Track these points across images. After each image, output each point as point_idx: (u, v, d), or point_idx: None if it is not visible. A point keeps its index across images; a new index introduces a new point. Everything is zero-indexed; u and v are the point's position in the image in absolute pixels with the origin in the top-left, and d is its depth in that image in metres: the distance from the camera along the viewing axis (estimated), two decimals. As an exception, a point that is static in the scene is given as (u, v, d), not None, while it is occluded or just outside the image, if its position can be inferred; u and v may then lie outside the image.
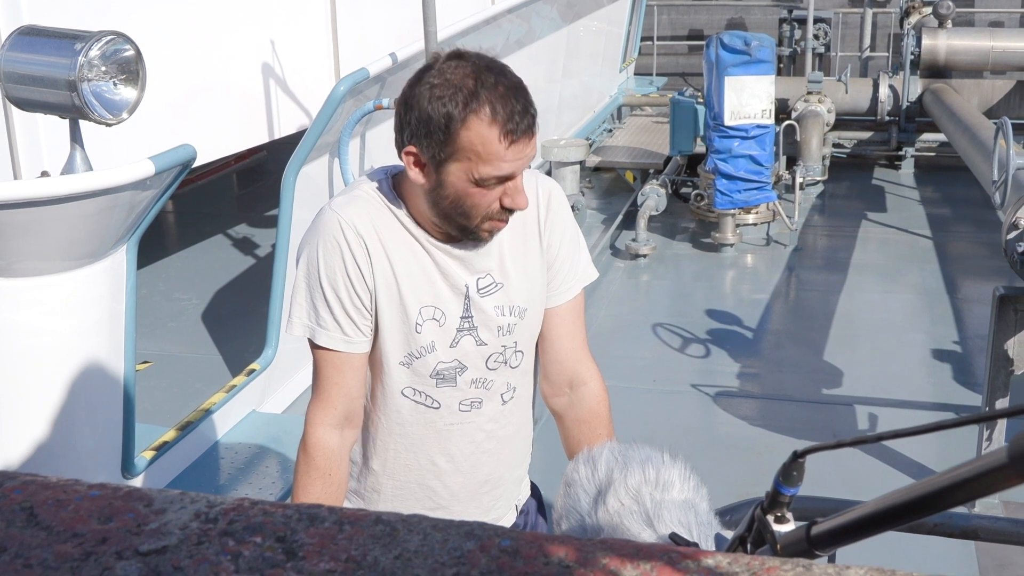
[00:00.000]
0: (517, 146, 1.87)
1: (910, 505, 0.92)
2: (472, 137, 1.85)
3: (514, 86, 1.88)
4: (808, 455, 1.09)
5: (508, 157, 1.87)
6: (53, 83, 2.88)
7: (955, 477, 0.88)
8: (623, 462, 1.37)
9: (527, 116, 1.87)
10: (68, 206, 3.00)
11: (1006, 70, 10.02)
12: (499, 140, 1.85)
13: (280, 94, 5.19)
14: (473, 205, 1.92)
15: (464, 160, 1.87)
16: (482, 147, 1.85)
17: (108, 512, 0.91)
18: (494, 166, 1.87)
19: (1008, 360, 4.25)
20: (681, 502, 1.31)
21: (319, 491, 2.06)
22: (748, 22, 14.98)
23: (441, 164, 1.90)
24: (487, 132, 1.85)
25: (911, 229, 8.56)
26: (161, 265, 6.87)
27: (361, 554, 0.84)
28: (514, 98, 1.86)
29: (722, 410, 5.44)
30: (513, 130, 1.85)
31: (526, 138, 1.88)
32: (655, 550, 0.82)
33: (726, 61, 7.65)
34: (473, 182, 1.89)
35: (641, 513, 1.28)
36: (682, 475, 1.36)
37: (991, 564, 3.88)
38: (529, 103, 1.89)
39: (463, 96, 1.84)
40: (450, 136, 1.86)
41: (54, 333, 3.30)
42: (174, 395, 4.90)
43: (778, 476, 1.13)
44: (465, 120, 1.85)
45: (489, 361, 2.11)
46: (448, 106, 1.85)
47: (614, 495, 1.33)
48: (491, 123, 1.84)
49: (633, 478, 1.34)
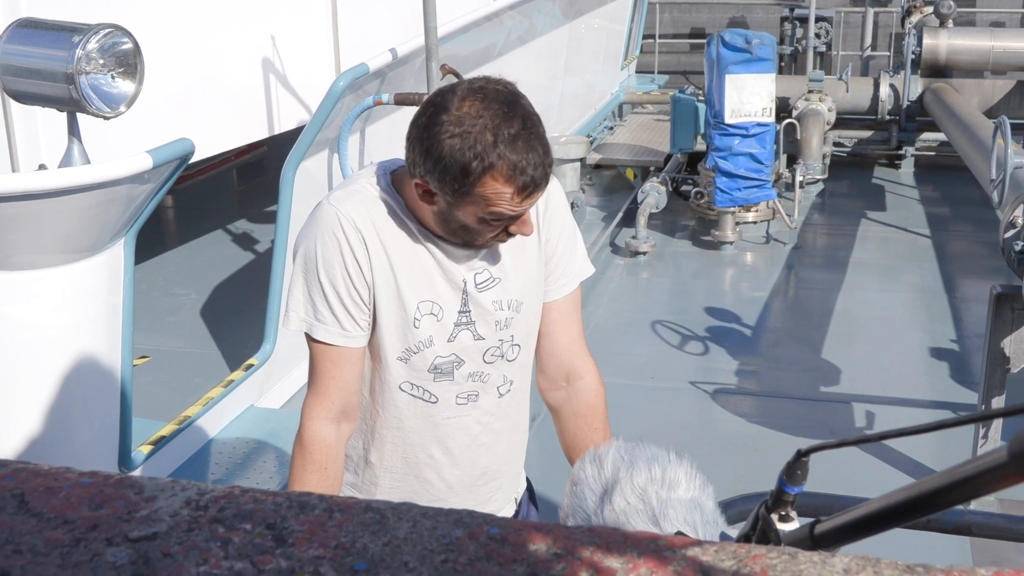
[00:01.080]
0: (529, 200, 1.89)
1: (912, 503, 0.92)
2: (487, 191, 1.86)
3: (533, 137, 1.86)
4: (812, 454, 1.08)
5: (523, 206, 1.89)
6: (51, 76, 2.87)
7: (956, 476, 0.88)
8: (629, 461, 1.38)
9: (541, 168, 1.87)
10: (65, 199, 3.00)
11: (1007, 70, 10.01)
12: (513, 196, 1.86)
13: (280, 89, 5.19)
14: (478, 233, 1.95)
15: (475, 204, 1.89)
16: (495, 197, 1.87)
17: (99, 499, 0.91)
18: (505, 210, 1.89)
19: (1004, 358, 4.26)
20: (687, 501, 1.31)
21: (315, 485, 2.06)
22: (750, 20, 14.98)
23: (452, 203, 1.91)
24: (502, 188, 1.85)
25: (910, 228, 8.56)
26: (160, 260, 6.87)
27: (350, 541, 0.84)
28: (531, 151, 1.85)
29: (720, 407, 5.44)
30: (528, 185, 1.86)
31: (539, 192, 1.90)
32: (642, 538, 0.83)
33: (727, 59, 7.65)
34: (482, 220, 1.91)
35: (647, 512, 1.28)
36: (688, 474, 1.36)
37: (986, 560, 3.89)
38: (546, 152, 1.88)
39: (481, 149, 1.82)
40: (464, 186, 1.86)
41: (51, 327, 3.29)
42: (172, 390, 4.90)
43: (782, 475, 1.13)
44: (481, 177, 1.84)
45: (486, 355, 2.11)
46: (466, 157, 1.83)
47: (620, 494, 1.33)
48: (507, 183, 1.85)
49: (639, 477, 1.34)
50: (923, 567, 0.76)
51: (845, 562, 0.77)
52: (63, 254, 3.20)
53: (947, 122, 8.23)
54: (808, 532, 1.02)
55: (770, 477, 4.02)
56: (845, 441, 1.01)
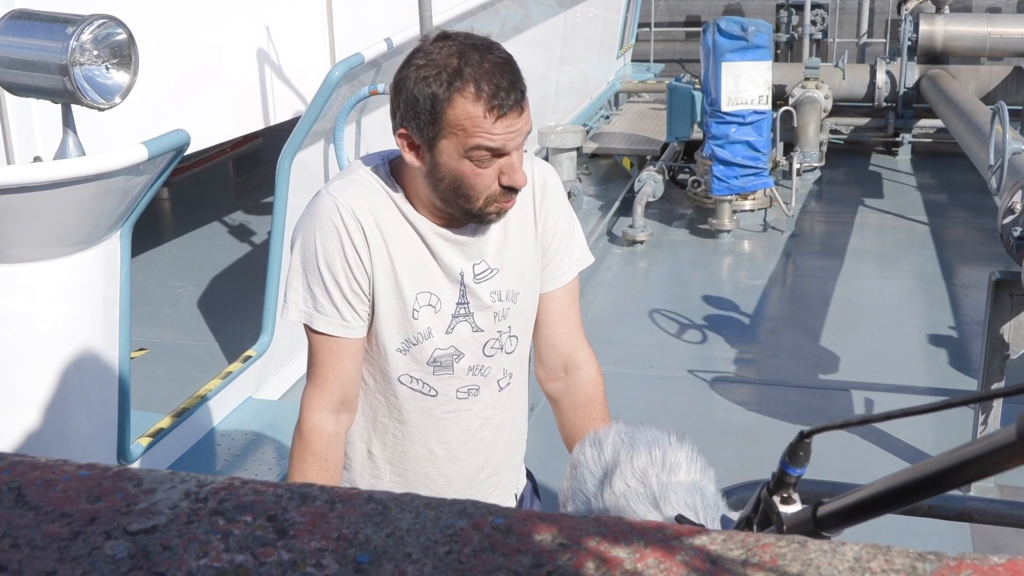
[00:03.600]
0: (505, 120, 1.86)
1: (918, 484, 0.91)
2: (458, 114, 1.85)
3: (501, 62, 1.87)
4: (815, 435, 1.07)
5: (496, 130, 1.86)
6: (45, 67, 2.86)
7: (963, 456, 0.86)
8: (630, 444, 1.36)
9: (514, 91, 1.86)
10: (61, 191, 2.98)
11: (1003, 56, 10.01)
12: (484, 116, 1.84)
13: (276, 80, 5.17)
14: (471, 187, 1.90)
15: (452, 136, 1.86)
16: (468, 122, 1.85)
17: (97, 492, 0.90)
18: (482, 137, 1.85)
19: (1004, 344, 4.25)
20: (688, 484, 1.30)
21: (315, 476, 2.05)
22: (745, 8, 14.94)
23: (432, 143, 1.89)
24: (472, 109, 1.84)
25: (908, 215, 8.55)
26: (157, 252, 6.86)
27: (353, 532, 0.83)
28: (499, 73, 1.85)
29: (719, 395, 5.44)
30: (499, 105, 1.84)
31: (514, 112, 1.87)
32: (648, 528, 0.82)
33: (723, 47, 7.63)
34: (465, 156, 1.87)
35: (647, 495, 1.27)
36: (689, 457, 1.35)
37: (986, 547, 3.88)
38: (517, 78, 1.88)
39: (447, 75, 1.84)
40: (436, 116, 1.86)
41: (47, 320, 3.28)
42: (170, 382, 4.89)
43: (784, 456, 1.11)
44: (450, 99, 1.84)
45: (486, 348, 2.09)
46: (433, 86, 1.85)
47: (620, 477, 1.32)
48: (475, 100, 1.84)
49: (640, 460, 1.33)
50: (935, 555, 0.75)
51: (856, 551, 0.76)
52: (59, 247, 3.19)
53: (944, 108, 8.22)
54: (811, 514, 1.01)
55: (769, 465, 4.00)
56: (848, 422, 1.00)
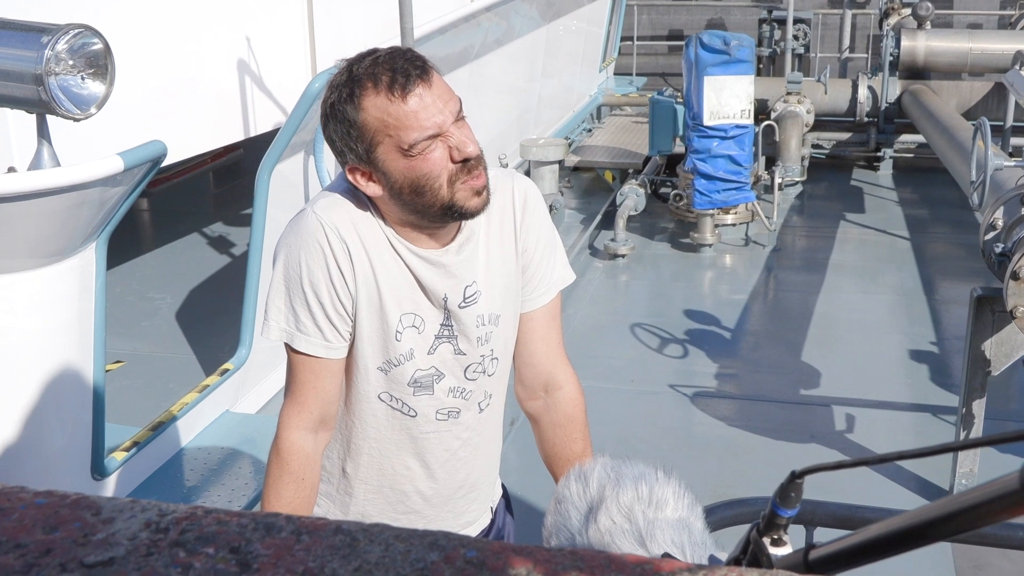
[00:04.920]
0: (414, 96, 1.82)
1: (915, 531, 0.88)
2: (372, 115, 1.83)
3: (389, 53, 1.86)
4: (806, 476, 1.04)
5: (414, 108, 1.82)
6: (19, 77, 2.82)
7: (962, 503, 0.83)
8: (616, 479, 1.33)
9: (412, 66, 1.83)
10: (35, 202, 2.94)
11: (984, 72, 10.06)
12: (391, 101, 1.81)
13: (256, 91, 5.13)
14: (426, 176, 1.85)
15: (383, 140, 1.84)
16: (386, 116, 1.82)
17: (54, 521, 0.86)
18: (409, 125, 1.82)
19: (985, 361, 4.25)
20: (675, 521, 1.27)
21: (291, 495, 2.01)
22: (728, 22, 15.00)
23: (372, 158, 1.86)
24: (379, 101, 1.82)
25: (889, 230, 8.57)
26: (135, 264, 6.81)
27: (319, 566, 0.80)
28: (391, 60, 1.83)
29: (700, 410, 5.42)
30: (402, 83, 1.81)
31: (422, 84, 1.83)
32: (627, 561, 0.79)
33: (705, 61, 7.63)
34: (405, 155, 1.84)
35: (633, 532, 1.24)
36: (676, 493, 1.32)
37: (967, 566, 3.87)
38: (413, 57, 1.85)
39: (347, 88, 1.84)
40: (358, 129, 1.84)
41: (21, 332, 3.24)
42: (147, 395, 4.84)
43: (775, 497, 1.08)
44: (358, 105, 1.83)
45: (468, 371, 2.06)
46: (340, 106, 1.85)
47: (606, 513, 1.28)
48: (376, 92, 1.82)
49: (626, 495, 1.29)
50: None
51: (841, 588, 0.74)
52: (33, 258, 3.15)
53: (926, 124, 8.25)
54: (802, 558, 0.98)
55: (750, 481, 3.99)
56: (843, 463, 0.96)
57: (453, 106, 1.86)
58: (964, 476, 4.41)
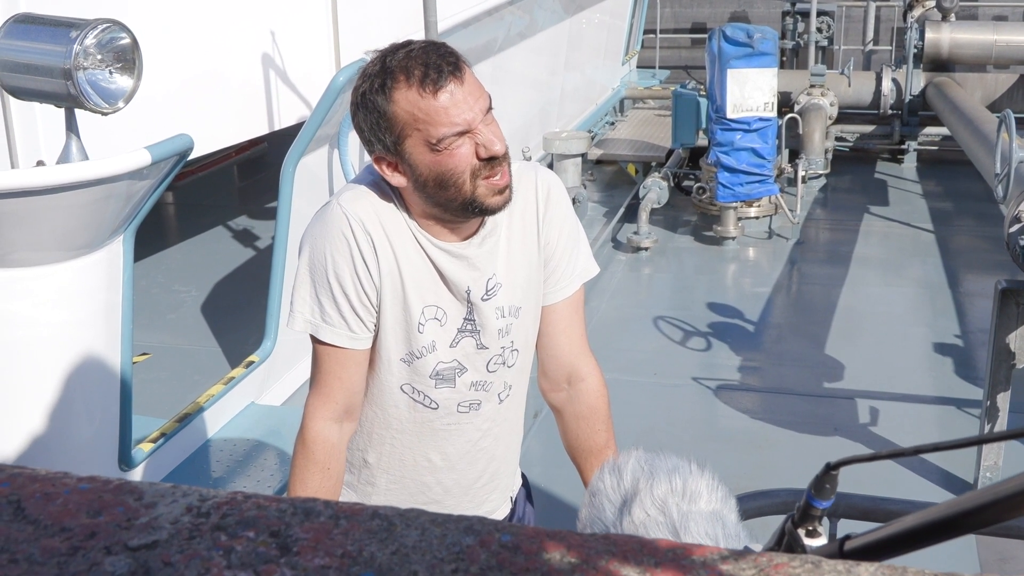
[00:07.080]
0: (445, 92, 1.83)
1: (950, 521, 0.89)
2: (403, 108, 1.84)
3: (423, 47, 1.87)
4: (841, 467, 1.05)
5: (444, 104, 1.83)
6: (48, 71, 2.85)
7: (998, 493, 0.84)
8: (649, 472, 1.34)
9: (444, 62, 1.84)
10: (63, 196, 2.97)
11: (1009, 64, 9.99)
12: (423, 95, 1.83)
13: (280, 85, 5.15)
14: (449, 170, 1.87)
15: (412, 133, 1.85)
16: (416, 111, 1.83)
17: (97, 506, 0.88)
18: (439, 121, 1.83)
19: (1010, 354, 4.23)
20: (708, 513, 1.28)
21: (317, 485, 2.03)
22: (751, 15, 14.95)
23: (400, 150, 1.88)
24: (411, 96, 1.83)
25: (913, 223, 8.53)
26: (161, 257, 6.85)
27: (357, 549, 0.82)
28: (424, 54, 1.85)
29: (723, 403, 5.42)
30: (434, 79, 1.82)
31: (454, 80, 1.84)
32: (659, 546, 0.80)
33: (729, 54, 7.62)
34: (432, 149, 1.85)
35: (667, 524, 1.25)
36: (710, 486, 1.32)
37: (992, 558, 3.86)
38: (446, 53, 1.86)
39: (378, 80, 1.86)
40: (388, 121, 1.86)
41: (49, 324, 3.27)
42: (173, 387, 4.88)
43: (810, 489, 1.09)
44: (389, 98, 1.84)
45: (489, 364, 2.08)
46: (372, 97, 1.86)
47: (639, 505, 1.29)
48: (408, 86, 1.83)
49: (659, 488, 1.30)
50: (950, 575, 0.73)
51: (871, 571, 0.75)
52: (61, 251, 3.18)
53: (950, 116, 8.21)
54: (837, 549, 0.98)
55: (773, 474, 4.00)
56: (878, 455, 0.97)
57: (483, 103, 1.88)
58: (988, 469, 4.40)
